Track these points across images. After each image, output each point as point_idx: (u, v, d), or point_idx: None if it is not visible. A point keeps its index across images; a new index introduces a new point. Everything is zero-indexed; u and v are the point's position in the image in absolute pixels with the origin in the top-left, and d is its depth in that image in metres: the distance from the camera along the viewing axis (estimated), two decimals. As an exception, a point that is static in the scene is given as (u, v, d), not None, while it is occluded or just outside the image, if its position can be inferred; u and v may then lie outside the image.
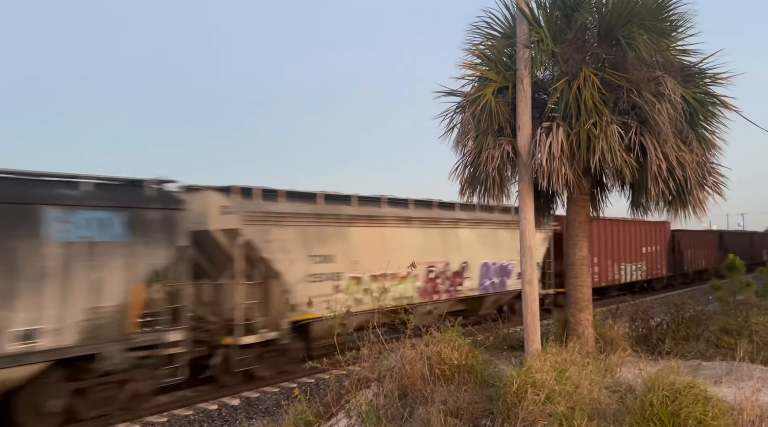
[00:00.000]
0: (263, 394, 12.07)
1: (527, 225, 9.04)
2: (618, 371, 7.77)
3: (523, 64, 9.00)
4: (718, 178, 9.57)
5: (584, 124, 8.67)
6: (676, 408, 5.27)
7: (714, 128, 9.54)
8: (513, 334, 12.50)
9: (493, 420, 6.17)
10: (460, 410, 6.42)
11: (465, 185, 9.84)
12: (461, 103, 9.86)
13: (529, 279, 9.07)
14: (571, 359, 7.08)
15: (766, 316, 12.98)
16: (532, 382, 6.23)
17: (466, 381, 7.11)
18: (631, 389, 6.56)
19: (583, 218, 9.98)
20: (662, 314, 12.34)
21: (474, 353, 7.52)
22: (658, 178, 8.67)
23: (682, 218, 9.59)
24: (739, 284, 16.78)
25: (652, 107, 8.52)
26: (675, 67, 9.33)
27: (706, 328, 11.99)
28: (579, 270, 9.89)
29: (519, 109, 9.06)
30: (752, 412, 5.62)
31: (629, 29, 9.05)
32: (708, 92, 9.49)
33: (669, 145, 8.66)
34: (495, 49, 9.87)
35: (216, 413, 10.93)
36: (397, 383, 7.09)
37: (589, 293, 9.98)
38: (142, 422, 10.25)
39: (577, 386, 6.43)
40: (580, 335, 9.58)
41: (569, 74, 9.08)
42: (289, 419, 7.29)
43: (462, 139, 9.65)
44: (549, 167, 8.58)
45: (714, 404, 5.35)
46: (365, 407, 6.50)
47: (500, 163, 9.09)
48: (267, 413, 10.93)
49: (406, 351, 7.34)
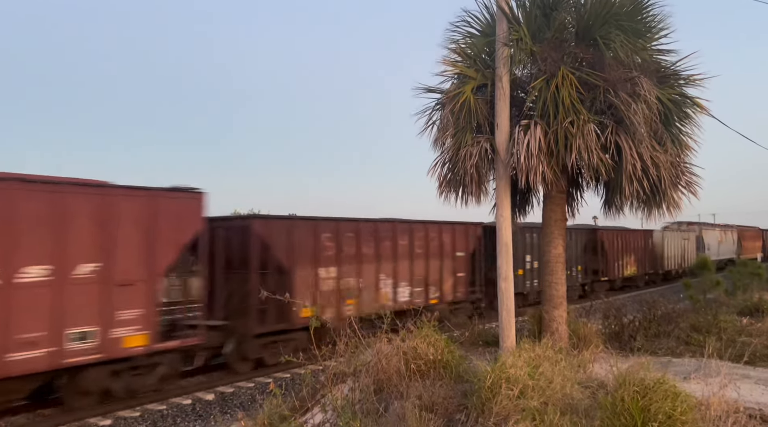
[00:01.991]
0: (238, 389, 12.01)
1: (504, 222, 9.11)
2: (590, 367, 7.88)
3: (502, 62, 9.06)
4: (692, 177, 9.75)
5: (562, 122, 8.76)
6: (646, 403, 5.36)
7: (688, 129, 9.72)
8: (488, 330, 12.60)
9: (468, 415, 6.22)
10: (434, 404, 6.46)
11: (443, 182, 9.89)
12: (441, 100, 9.90)
13: (505, 276, 9.14)
14: (544, 355, 7.16)
15: (733, 314, 13.28)
16: (506, 377, 6.29)
17: (441, 376, 7.15)
18: (603, 385, 6.66)
19: (558, 216, 10.09)
20: (635, 312, 12.54)
21: (450, 349, 7.56)
22: (633, 177, 8.80)
23: (655, 217, 9.76)
24: (709, 283, 17.13)
25: (628, 107, 8.65)
26: (651, 68, 9.47)
27: (677, 325, 12.22)
28: (554, 267, 10.01)
29: (497, 106, 9.12)
30: (719, 407, 5.74)
31: (606, 29, 9.17)
32: (683, 94, 9.66)
33: (644, 145, 8.79)
34: (475, 46, 9.93)
35: (190, 408, 10.84)
36: (373, 377, 7.10)
37: (564, 290, 10.10)
38: (114, 416, 10.13)
39: (550, 382, 6.51)
40: (554, 331, 9.70)
41: (547, 73, 9.16)
42: (264, 414, 7.27)
43: (441, 136, 9.68)
44: (527, 165, 8.65)
45: (683, 400, 5.46)
46: (341, 402, 6.50)
47: (478, 160, 9.16)
48: (242, 407, 10.88)
49: (383, 346, 7.35)
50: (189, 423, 10.20)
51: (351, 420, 5.93)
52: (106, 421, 9.91)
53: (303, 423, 7.01)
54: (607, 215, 10.78)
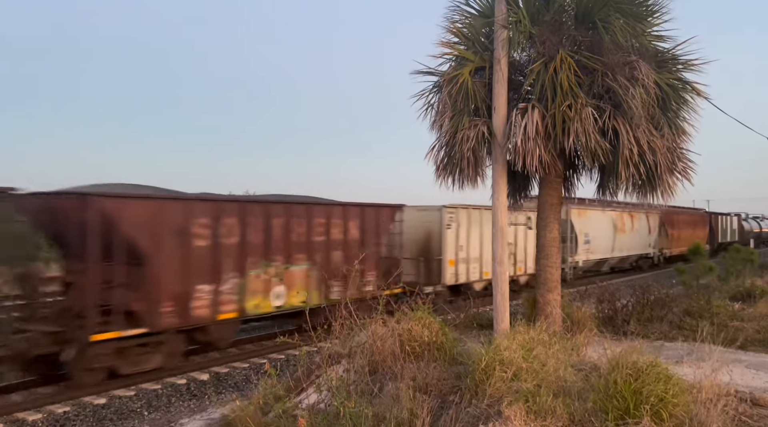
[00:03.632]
0: (233, 369, 12.06)
1: (500, 206, 9.11)
2: (584, 350, 7.94)
3: (500, 44, 9.00)
4: (687, 163, 9.75)
5: (559, 106, 8.73)
6: (639, 386, 5.41)
7: (685, 114, 9.70)
8: (483, 313, 12.67)
9: (461, 396, 6.26)
10: (428, 386, 6.51)
11: (440, 166, 9.86)
12: (438, 82, 9.84)
13: (499, 260, 9.17)
14: (538, 339, 7.21)
15: (726, 299, 13.38)
16: (500, 360, 6.33)
17: (436, 358, 7.20)
18: (596, 368, 6.71)
19: (554, 200, 10.09)
20: (628, 296, 12.62)
21: (444, 331, 7.60)
22: (630, 162, 8.79)
23: (651, 201, 9.77)
24: (702, 269, 17.23)
25: (626, 92, 8.61)
26: (649, 52, 9.42)
27: (670, 310, 12.32)
28: (549, 251, 10.03)
29: (495, 89, 9.07)
30: (711, 390, 5.81)
31: (606, 13, 9.10)
32: (680, 78, 9.62)
33: (641, 130, 8.78)
34: (473, 27, 9.84)
35: (184, 387, 10.89)
36: (368, 359, 7.15)
37: (558, 273, 10.14)
38: (109, 395, 10.17)
39: (543, 364, 6.56)
40: (548, 314, 9.75)
41: (546, 56, 9.10)
42: (259, 394, 7.31)
43: (438, 119, 9.64)
44: (524, 148, 8.63)
45: (675, 383, 5.51)
46: (335, 382, 6.54)
47: (475, 143, 9.13)
48: (236, 388, 10.94)
49: (378, 328, 7.38)
50: (184, 403, 10.25)
51: (345, 400, 5.97)
52: (101, 400, 9.95)
53: (298, 403, 7.06)
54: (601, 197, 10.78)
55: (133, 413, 9.68)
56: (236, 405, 6.98)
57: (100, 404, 9.83)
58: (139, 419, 9.47)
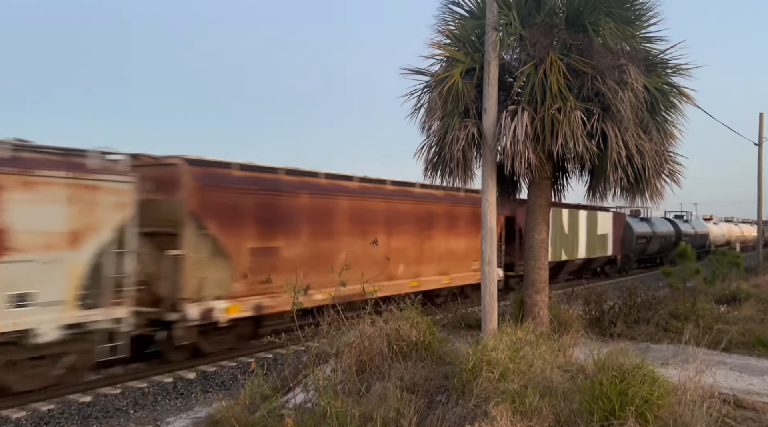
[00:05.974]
0: (220, 368, 12.01)
1: (489, 207, 9.14)
2: (570, 351, 7.98)
3: (491, 46, 9.03)
4: (675, 167, 9.84)
5: (549, 109, 8.77)
6: (625, 388, 5.44)
7: (673, 118, 9.79)
8: (471, 314, 12.71)
9: (448, 396, 6.28)
10: (416, 385, 6.51)
11: (429, 166, 9.88)
12: (429, 82, 9.86)
13: (488, 260, 9.20)
14: (526, 339, 7.24)
15: (711, 302, 13.49)
16: (487, 360, 6.35)
17: (423, 358, 7.21)
18: (583, 369, 6.75)
19: (543, 202, 10.14)
20: (616, 298, 12.70)
21: (432, 331, 7.62)
22: (618, 165, 8.86)
23: (638, 204, 9.86)
24: (689, 271, 17.38)
25: (615, 95, 8.68)
26: (639, 56, 9.49)
27: (656, 312, 12.41)
28: (537, 253, 10.08)
29: (485, 91, 9.10)
30: (695, 392, 5.86)
31: (596, 16, 9.16)
32: (669, 83, 9.70)
33: (630, 133, 8.85)
34: (464, 29, 9.87)
35: (171, 386, 10.83)
36: (356, 358, 7.14)
37: (546, 275, 10.19)
38: (95, 393, 10.10)
39: (530, 365, 6.59)
40: (535, 315, 9.79)
41: (536, 59, 9.14)
42: (246, 393, 7.29)
43: (428, 119, 9.66)
44: (513, 151, 8.67)
45: (660, 385, 5.55)
46: (323, 382, 6.53)
47: (465, 144, 9.15)
48: (223, 386, 10.89)
49: (366, 327, 7.38)
50: (170, 401, 10.19)
51: (332, 400, 5.96)
52: (86, 397, 9.87)
53: (285, 402, 7.05)
54: (591, 201, 10.83)
55: (119, 411, 9.61)
56: (222, 405, 6.95)
57: (86, 402, 9.75)
58: (125, 417, 9.41)
